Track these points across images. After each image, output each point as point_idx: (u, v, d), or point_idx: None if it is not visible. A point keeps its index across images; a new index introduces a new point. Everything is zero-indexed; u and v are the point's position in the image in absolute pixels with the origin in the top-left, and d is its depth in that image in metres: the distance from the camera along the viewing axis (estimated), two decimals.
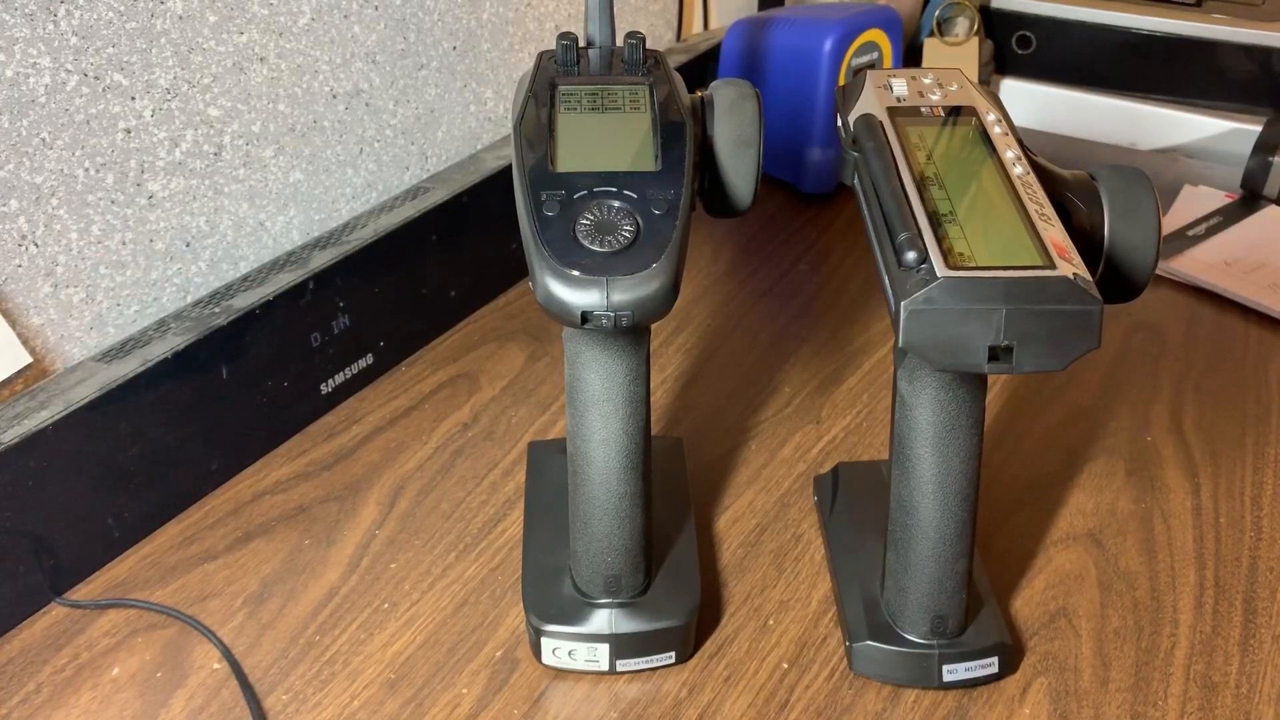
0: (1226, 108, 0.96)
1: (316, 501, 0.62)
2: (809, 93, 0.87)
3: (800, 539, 0.60)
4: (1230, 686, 0.51)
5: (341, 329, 0.67)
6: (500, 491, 0.63)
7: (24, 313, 0.57)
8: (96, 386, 0.55)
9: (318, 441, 0.66)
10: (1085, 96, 1.00)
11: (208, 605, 0.55)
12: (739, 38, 0.90)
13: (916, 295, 0.40)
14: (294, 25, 0.65)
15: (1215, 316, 0.77)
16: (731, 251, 0.85)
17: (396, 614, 0.55)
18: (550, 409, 0.69)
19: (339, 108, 0.70)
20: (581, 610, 0.51)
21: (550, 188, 0.44)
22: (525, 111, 0.48)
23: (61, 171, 0.56)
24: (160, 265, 0.62)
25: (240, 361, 0.61)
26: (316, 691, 0.51)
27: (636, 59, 0.52)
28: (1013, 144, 0.48)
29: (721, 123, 0.49)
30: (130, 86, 0.58)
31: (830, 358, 0.73)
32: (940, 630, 0.50)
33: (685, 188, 0.44)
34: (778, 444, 0.66)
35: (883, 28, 0.89)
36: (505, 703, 0.51)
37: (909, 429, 0.47)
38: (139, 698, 0.51)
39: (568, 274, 0.41)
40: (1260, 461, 0.64)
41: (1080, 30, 0.99)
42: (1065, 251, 0.42)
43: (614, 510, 0.49)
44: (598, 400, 0.47)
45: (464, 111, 0.79)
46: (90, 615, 0.55)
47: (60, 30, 0.54)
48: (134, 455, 0.57)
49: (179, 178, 0.62)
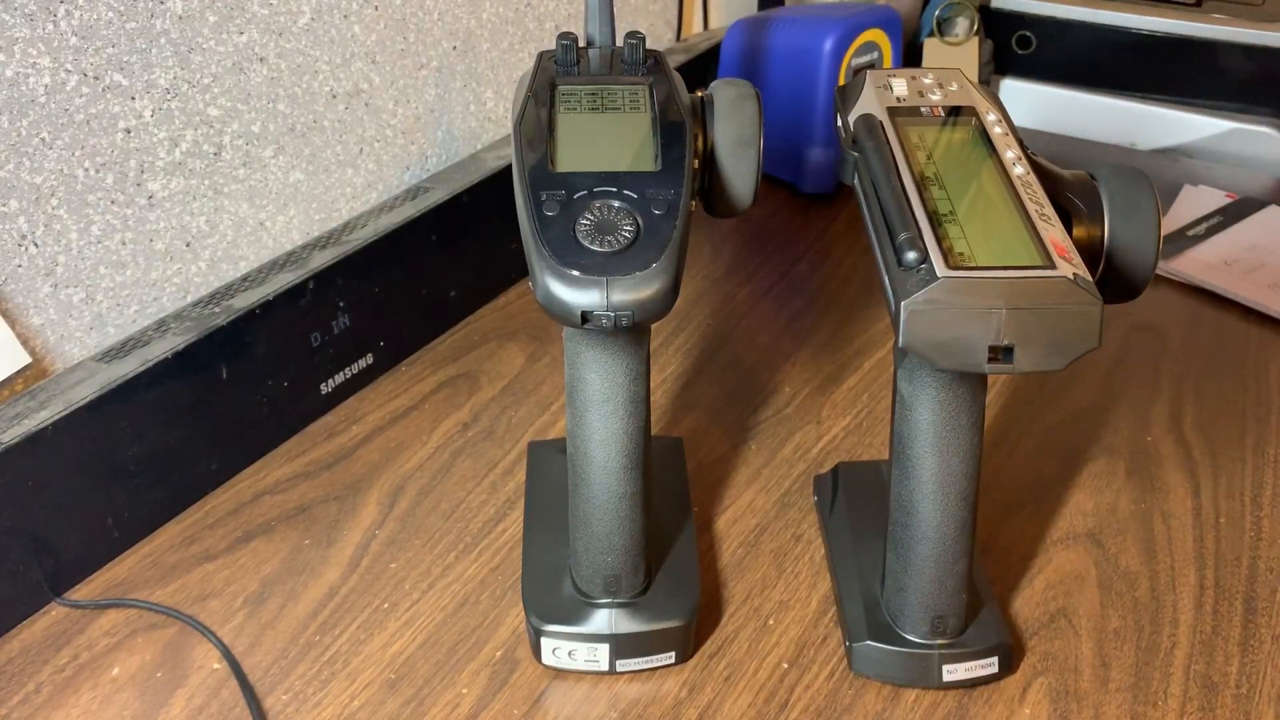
0: (1227, 108, 0.96)
1: (316, 501, 0.62)
2: (809, 93, 0.87)
3: (800, 539, 0.60)
4: (1230, 686, 0.51)
5: (341, 329, 0.67)
6: (500, 491, 0.63)
7: (24, 313, 0.57)
8: (96, 386, 0.55)
9: (318, 441, 0.66)
10: (1085, 96, 1.00)
11: (208, 605, 0.55)
12: (739, 38, 0.90)
13: (917, 295, 0.40)
14: (294, 25, 0.65)
15: (1215, 317, 0.77)
16: (731, 251, 0.85)
17: (396, 614, 0.55)
18: (550, 409, 0.69)
19: (339, 108, 0.70)
20: (581, 610, 0.51)
21: (550, 188, 0.44)
22: (525, 111, 0.48)
23: (61, 171, 0.56)
24: (160, 265, 0.62)
25: (240, 361, 0.61)
26: (317, 691, 0.51)
27: (636, 59, 0.52)
28: (1013, 144, 0.48)
29: (721, 122, 0.49)
30: (130, 86, 0.58)
31: (830, 358, 0.73)
32: (940, 630, 0.50)
33: (685, 188, 0.44)
34: (778, 444, 0.66)
35: (883, 28, 0.89)
36: (505, 703, 0.51)
37: (909, 429, 0.47)
38: (139, 698, 0.51)
39: (568, 274, 0.41)
40: (1260, 461, 0.64)
41: (1080, 30, 0.99)
42: (1065, 251, 0.42)
43: (614, 510, 0.49)
44: (598, 400, 0.47)
45: (464, 111, 0.79)
46: (90, 615, 0.55)
47: (60, 30, 0.54)
48: (134, 455, 0.57)
49: (179, 178, 0.62)
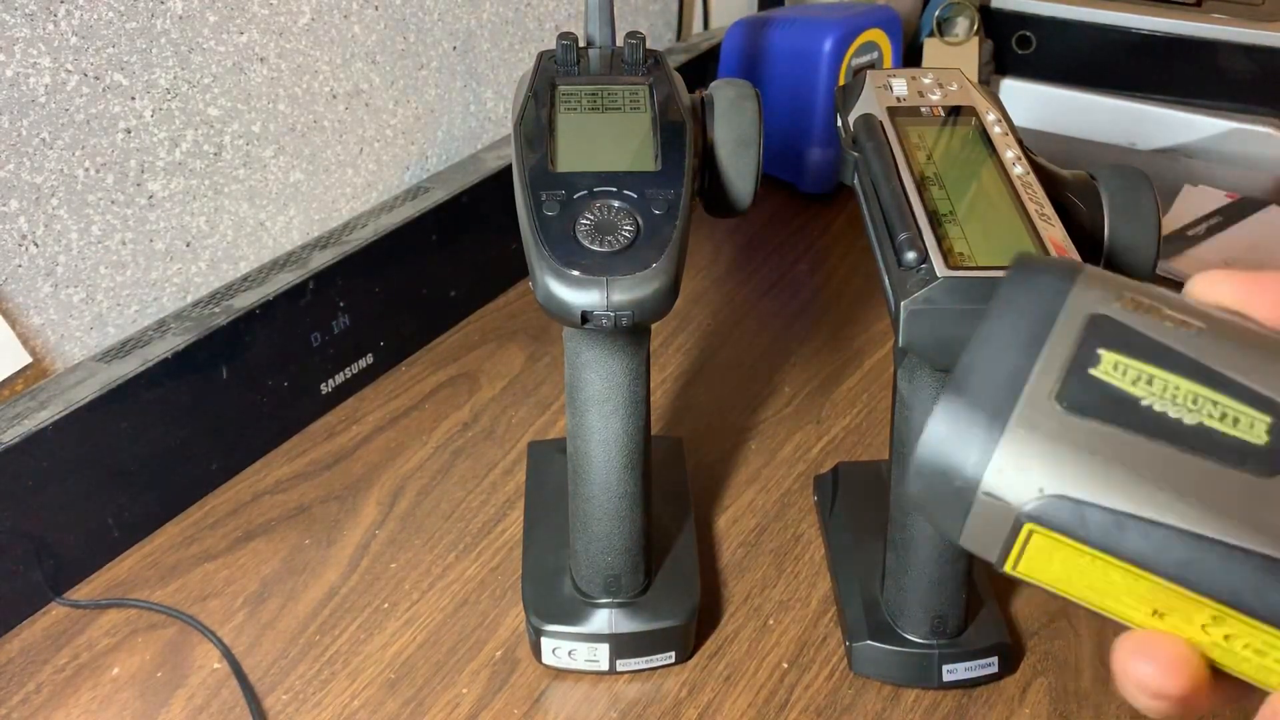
0: (1227, 108, 0.95)
1: (316, 501, 0.62)
2: (809, 92, 0.87)
3: (800, 539, 0.60)
4: None
5: (341, 329, 0.67)
6: (500, 491, 0.63)
7: (24, 313, 0.57)
8: (96, 386, 0.55)
9: (318, 441, 0.66)
10: (1085, 96, 1.00)
11: (208, 605, 0.55)
12: (739, 38, 0.90)
13: (916, 295, 0.40)
14: (294, 25, 0.65)
15: None
16: (731, 251, 0.85)
17: (396, 614, 0.55)
18: (550, 409, 0.69)
19: (339, 108, 0.70)
20: (581, 610, 0.51)
21: (550, 188, 0.44)
22: (525, 111, 0.48)
23: (61, 171, 0.56)
24: (160, 265, 0.62)
25: (240, 361, 0.61)
26: (317, 691, 0.51)
27: (636, 59, 0.52)
28: (1013, 144, 0.48)
29: (721, 122, 0.49)
30: (130, 86, 0.58)
31: (830, 358, 0.73)
32: (940, 630, 0.50)
33: (685, 188, 0.44)
34: (778, 444, 0.66)
35: (882, 27, 0.89)
36: (505, 703, 0.51)
37: (909, 429, 0.47)
38: (139, 698, 0.51)
39: (568, 274, 0.41)
40: None
41: (1080, 30, 0.99)
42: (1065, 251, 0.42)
43: (614, 510, 0.49)
44: (598, 400, 0.47)
45: (464, 111, 0.79)
46: (90, 615, 0.55)
47: (60, 30, 0.54)
48: (134, 455, 0.57)
49: (179, 178, 0.62)
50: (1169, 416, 0.25)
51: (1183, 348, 0.25)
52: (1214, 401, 0.25)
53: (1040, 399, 0.25)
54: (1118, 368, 0.25)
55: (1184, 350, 0.25)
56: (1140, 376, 0.25)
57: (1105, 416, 0.25)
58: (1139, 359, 0.25)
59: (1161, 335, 0.26)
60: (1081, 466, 0.24)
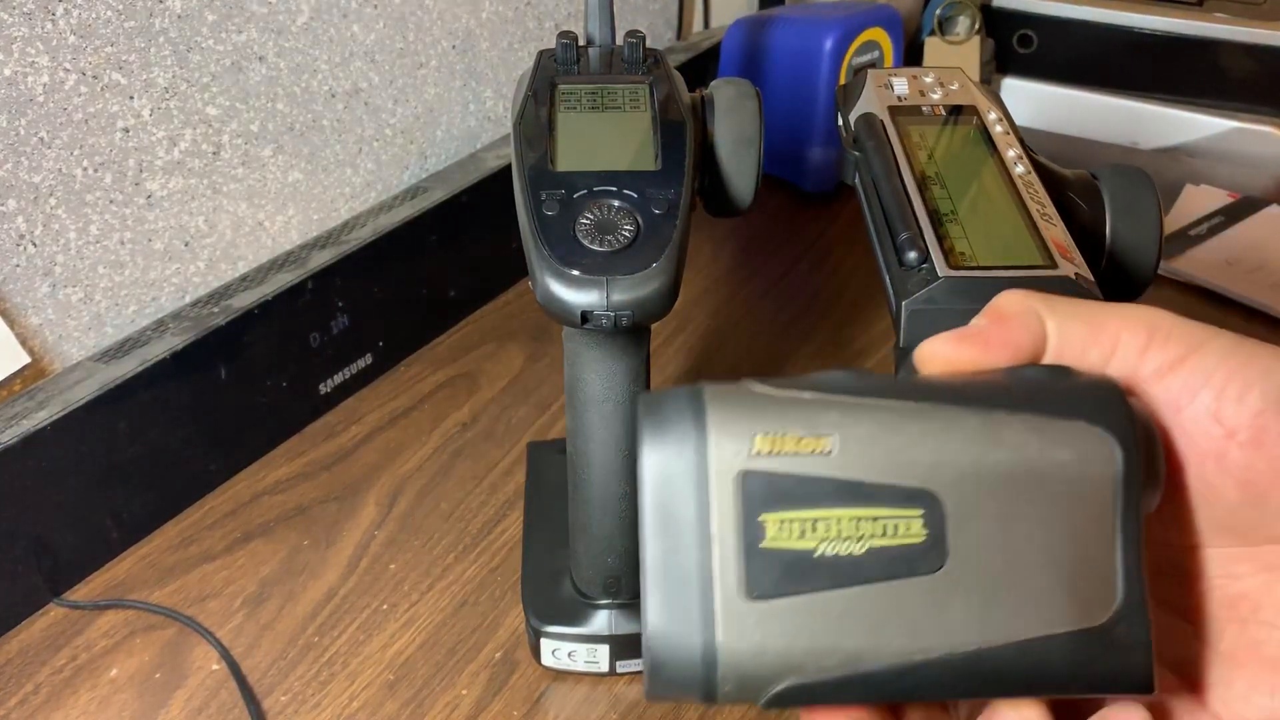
0: (1229, 107, 0.95)
1: (316, 502, 0.62)
2: (809, 92, 0.86)
3: None
4: None
5: (340, 329, 0.67)
6: (500, 492, 0.62)
7: (22, 312, 0.57)
8: (95, 386, 0.55)
9: (317, 442, 0.66)
10: (1087, 95, 1.00)
11: (206, 606, 0.55)
12: (739, 37, 0.90)
13: (917, 295, 0.40)
14: (293, 24, 0.65)
15: (1217, 317, 0.77)
16: (731, 251, 0.85)
17: (396, 615, 0.55)
18: (550, 409, 0.68)
19: (338, 107, 0.69)
20: (581, 611, 0.51)
21: (550, 187, 0.44)
22: (525, 110, 0.48)
23: (60, 171, 0.56)
24: (159, 265, 0.62)
25: (239, 361, 0.61)
26: (316, 692, 0.51)
27: (636, 58, 0.51)
28: (1014, 143, 0.48)
29: (722, 122, 0.49)
30: (129, 85, 0.57)
31: (830, 358, 0.73)
32: None
33: (685, 187, 0.44)
34: None
35: (883, 26, 0.89)
36: (505, 704, 0.51)
37: None
38: (138, 699, 0.51)
39: (568, 274, 0.41)
40: None
41: (1082, 29, 0.99)
42: (1067, 251, 0.41)
43: (614, 511, 0.49)
44: (598, 400, 0.47)
45: (463, 111, 0.79)
46: (89, 616, 0.55)
47: (59, 29, 0.54)
48: (133, 455, 0.57)
49: (177, 177, 0.61)
50: (841, 557, 0.25)
51: (827, 471, 0.25)
52: (872, 518, 0.25)
53: (733, 600, 0.25)
54: (782, 528, 0.25)
55: (829, 474, 0.25)
56: (804, 527, 0.25)
57: (793, 588, 0.25)
58: (795, 508, 0.25)
59: (804, 467, 0.26)
60: (794, 658, 0.25)
